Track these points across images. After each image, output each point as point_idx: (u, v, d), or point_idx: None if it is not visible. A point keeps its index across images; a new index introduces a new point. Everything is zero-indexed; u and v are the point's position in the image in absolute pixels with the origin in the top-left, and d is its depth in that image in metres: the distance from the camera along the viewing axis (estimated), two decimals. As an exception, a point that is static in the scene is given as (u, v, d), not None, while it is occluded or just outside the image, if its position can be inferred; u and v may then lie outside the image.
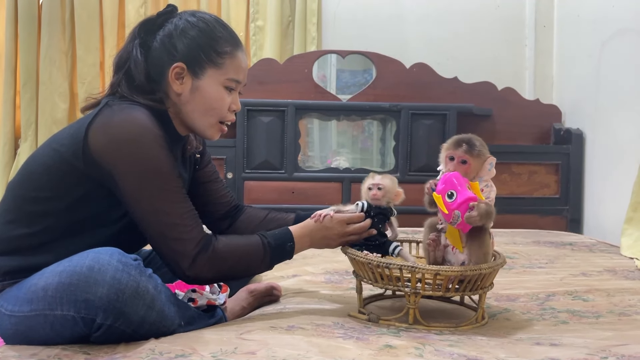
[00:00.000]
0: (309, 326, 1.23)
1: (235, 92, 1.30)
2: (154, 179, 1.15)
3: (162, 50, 1.24)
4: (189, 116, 1.27)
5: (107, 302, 1.03)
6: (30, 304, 1.07)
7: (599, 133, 2.86)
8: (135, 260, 1.09)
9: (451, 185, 1.24)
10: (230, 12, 3.20)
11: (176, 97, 1.26)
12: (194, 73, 1.24)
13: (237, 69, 1.28)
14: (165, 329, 1.13)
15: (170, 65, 1.23)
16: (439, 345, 1.14)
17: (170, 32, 1.25)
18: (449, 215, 1.23)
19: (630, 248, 2.23)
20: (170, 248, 1.16)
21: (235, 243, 1.24)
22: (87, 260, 1.05)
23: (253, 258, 1.24)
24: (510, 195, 2.93)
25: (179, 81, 1.24)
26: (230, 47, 1.26)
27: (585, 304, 1.52)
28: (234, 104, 1.29)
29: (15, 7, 3.04)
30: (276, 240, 1.26)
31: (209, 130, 1.29)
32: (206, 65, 1.24)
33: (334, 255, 2.06)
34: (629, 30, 2.59)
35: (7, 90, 3.06)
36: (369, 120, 3.28)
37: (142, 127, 1.15)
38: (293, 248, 1.27)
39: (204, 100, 1.25)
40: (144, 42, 1.26)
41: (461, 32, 3.34)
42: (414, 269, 1.23)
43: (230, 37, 1.28)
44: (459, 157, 1.30)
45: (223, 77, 1.26)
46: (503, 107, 3.09)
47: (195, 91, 1.25)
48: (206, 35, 1.25)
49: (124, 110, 1.18)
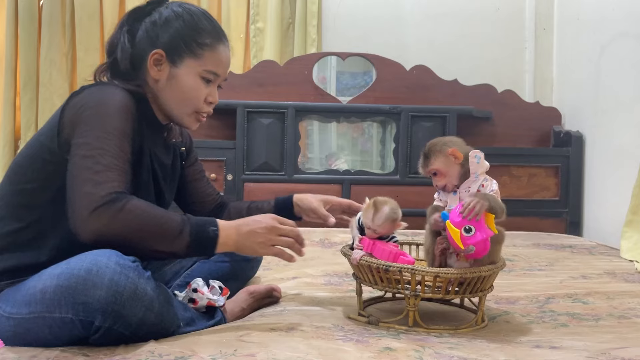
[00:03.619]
0: (309, 328, 1.23)
1: (214, 85, 1.31)
2: (102, 132, 1.13)
3: (145, 38, 1.27)
4: (166, 104, 1.29)
5: (105, 304, 1.02)
6: (29, 307, 1.07)
7: (599, 136, 2.86)
8: (134, 262, 1.08)
9: (471, 221, 1.21)
10: (230, 14, 3.20)
11: (154, 84, 1.28)
12: (172, 61, 1.26)
13: (216, 62, 1.29)
14: (165, 331, 1.12)
15: (151, 51, 1.26)
16: (439, 348, 1.14)
17: (155, 20, 1.28)
18: (463, 249, 1.22)
19: (630, 251, 2.23)
20: (81, 190, 1.08)
21: (152, 208, 1.13)
22: (85, 262, 1.04)
23: (166, 229, 1.12)
24: (510, 197, 2.92)
25: (157, 67, 1.26)
26: (212, 40, 1.28)
27: (585, 307, 1.52)
28: (211, 96, 1.30)
29: (16, 8, 3.05)
30: (197, 221, 1.16)
31: (185, 119, 1.31)
32: (185, 54, 1.26)
33: (333, 257, 2.07)
34: (628, 34, 2.59)
35: (7, 91, 3.06)
36: (368, 123, 3.28)
37: (111, 97, 1.17)
38: (217, 234, 1.15)
39: (179, 89, 1.27)
40: (131, 29, 1.28)
41: (461, 35, 3.34)
42: (413, 271, 1.23)
43: (213, 31, 1.29)
44: (428, 173, 1.34)
45: (201, 68, 1.27)
46: (503, 109, 3.09)
47: (172, 79, 1.27)
48: (189, 25, 1.27)
49: (99, 88, 1.21)
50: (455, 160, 1.31)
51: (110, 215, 1.07)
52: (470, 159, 1.30)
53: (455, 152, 1.31)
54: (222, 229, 1.17)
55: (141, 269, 1.09)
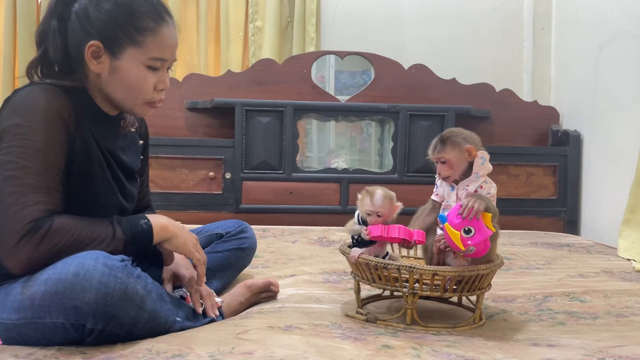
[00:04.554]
0: (307, 326, 1.23)
1: (162, 70, 1.20)
2: (25, 148, 1.07)
3: (77, 25, 1.15)
4: (113, 97, 1.20)
5: (95, 307, 1.01)
6: (18, 313, 1.05)
7: (597, 135, 2.86)
8: (122, 262, 1.06)
9: (470, 222, 1.22)
10: (229, 13, 3.20)
11: (95, 77, 1.18)
12: (112, 52, 1.15)
13: (161, 46, 1.17)
14: (160, 327, 1.12)
15: (86, 42, 1.14)
16: (437, 346, 1.14)
17: (85, 4, 1.15)
18: (464, 249, 1.22)
19: (627, 250, 2.24)
20: (3, 220, 1.05)
21: (79, 221, 1.10)
22: (71, 266, 1.02)
23: (97, 235, 1.10)
24: (507, 196, 2.93)
25: (96, 60, 1.16)
26: (153, 23, 1.16)
27: (583, 305, 1.52)
28: (161, 83, 1.20)
29: (14, 6, 3.04)
30: (128, 219, 1.16)
31: (136, 110, 1.22)
32: (124, 43, 1.15)
33: (332, 255, 2.07)
34: (626, 33, 2.60)
35: (5, 89, 3.05)
36: (367, 121, 3.28)
37: (35, 103, 1.10)
38: (149, 225, 1.16)
39: (124, 82, 1.17)
40: (62, 15, 1.16)
41: (460, 34, 3.35)
42: (412, 269, 1.23)
43: (153, 11, 1.16)
44: (437, 159, 1.34)
45: (144, 57, 1.16)
46: (501, 108, 3.10)
47: (115, 72, 1.16)
48: (124, 9, 1.14)
49: (28, 91, 1.12)
50: (468, 157, 1.32)
51: (34, 244, 1.04)
52: (476, 159, 1.31)
53: (472, 150, 1.32)
54: (152, 219, 1.18)
55: (130, 267, 1.08)
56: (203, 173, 2.83)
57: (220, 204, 2.83)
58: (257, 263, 1.92)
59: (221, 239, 1.59)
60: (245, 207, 2.83)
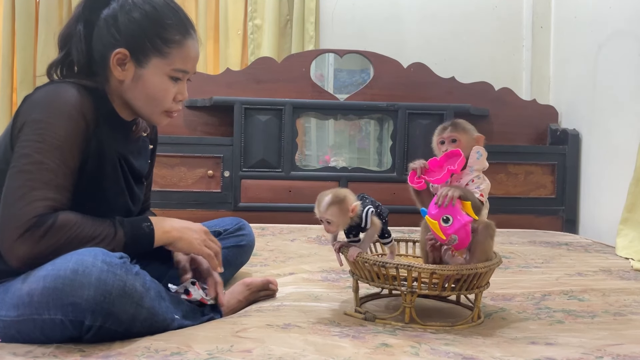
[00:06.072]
0: (305, 324, 1.23)
1: (183, 81, 1.24)
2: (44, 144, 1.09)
3: (105, 31, 1.18)
4: (132, 103, 1.23)
5: (94, 304, 1.01)
6: (17, 309, 1.05)
7: (595, 134, 2.86)
8: (121, 259, 1.07)
9: (446, 210, 1.23)
10: (228, 11, 3.20)
11: (117, 83, 1.21)
12: (137, 61, 1.18)
13: (185, 58, 1.21)
14: (159, 325, 1.12)
15: (113, 49, 1.17)
16: (435, 344, 1.14)
17: (115, 12, 1.18)
18: (446, 239, 1.23)
19: (625, 248, 2.24)
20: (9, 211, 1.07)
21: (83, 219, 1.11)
22: (70, 263, 1.02)
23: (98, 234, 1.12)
24: (506, 195, 2.94)
25: (120, 67, 1.19)
26: (180, 36, 1.20)
27: (581, 304, 1.53)
28: (180, 94, 1.24)
29: (13, 4, 3.04)
30: (131, 221, 1.18)
31: (154, 118, 1.25)
32: (151, 53, 1.18)
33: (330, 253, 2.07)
34: (625, 32, 2.60)
35: (4, 87, 3.05)
36: (366, 120, 3.28)
37: (59, 99, 1.12)
38: (151, 229, 1.18)
39: (146, 91, 1.20)
40: (88, 20, 1.19)
41: (459, 33, 3.35)
42: (410, 268, 1.24)
43: (180, 24, 1.21)
44: (448, 137, 1.34)
45: (169, 68, 1.20)
46: (500, 107, 3.10)
47: (138, 80, 1.20)
48: (153, 20, 1.18)
49: (51, 89, 1.15)
50: (474, 145, 1.33)
51: (35, 240, 1.05)
52: (472, 152, 1.32)
53: (481, 140, 1.34)
54: (155, 223, 1.20)
55: (129, 264, 1.08)
56: (202, 171, 2.83)
57: (218, 202, 2.83)
58: (256, 261, 1.92)
59: (219, 237, 1.59)
60: (244, 205, 2.83)
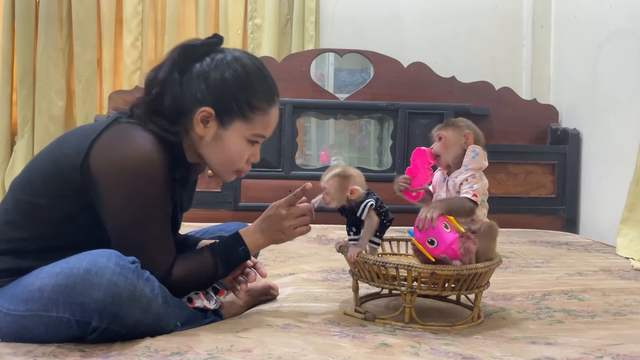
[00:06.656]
0: (305, 324, 1.23)
1: (258, 144, 1.26)
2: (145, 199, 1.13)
3: (194, 86, 1.19)
4: (206, 158, 1.25)
5: (102, 305, 1.02)
6: (26, 304, 1.06)
7: (596, 133, 2.86)
8: (133, 264, 1.08)
9: (429, 232, 1.21)
10: (228, 10, 3.20)
11: (196, 138, 1.22)
12: (221, 121, 1.20)
13: (266, 125, 1.24)
14: (161, 330, 1.12)
15: (200, 106, 1.19)
16: (435, 344, 1.14)
17: (207, 69, 1.20)
18: (434, 260, 1.23)
19: (625, 248, 2.24)
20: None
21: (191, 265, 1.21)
22: (84, 262, 1.04)
23: (205, 275, 1.22)
24: (506, 194, 2.93)
25: (203, 124, 1.20)
26: (266, 104, 1.22)
27: (581, 304, 1.53)
28: (253, 156, 1.27)
29: (13, 3, 3.03)
30: (226, 251, 1.24)
31: (224, 176, 1.29)
32: (235, 116, 1.20)
33: (330, 253, 2.07)
34: (625, 32, 2.60)
35: (3, 86, 3.05)
36: (366, 119, 3.28)
37: (144, 158, 1.13)
38: (246, 251, 1.25)
39: (224, 151, 1.23)
40: (182, 69, 1.20)
41: (459, 32, 3.34)
42: (410, 268, 1.24)
43: (268, 92, 1.23)
44: (436, 135, 1.38)
45: (249, 132, 1.22)
46: (500, 106, 3.09)
47: (218, 139, 1.21)
48: (243, 84, 1.20)
49: (131, 133, 1.15)
50: (464, 143, 1.34)
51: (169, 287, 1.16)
52: (468, 151, 1.32)
53: (469, 136, 1.35)
54: (249, 242, 1.25)
55: (140, 270, 1.09)
56: (202, 171, 2.83)
57: (219, 202, 2.83)
58: (256, 261, 1.92)
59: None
60: (244, 205, 2.83)
